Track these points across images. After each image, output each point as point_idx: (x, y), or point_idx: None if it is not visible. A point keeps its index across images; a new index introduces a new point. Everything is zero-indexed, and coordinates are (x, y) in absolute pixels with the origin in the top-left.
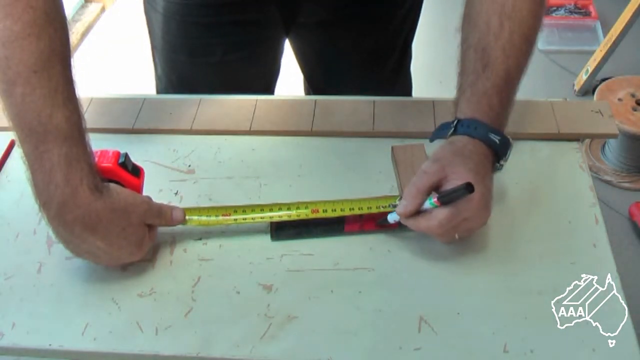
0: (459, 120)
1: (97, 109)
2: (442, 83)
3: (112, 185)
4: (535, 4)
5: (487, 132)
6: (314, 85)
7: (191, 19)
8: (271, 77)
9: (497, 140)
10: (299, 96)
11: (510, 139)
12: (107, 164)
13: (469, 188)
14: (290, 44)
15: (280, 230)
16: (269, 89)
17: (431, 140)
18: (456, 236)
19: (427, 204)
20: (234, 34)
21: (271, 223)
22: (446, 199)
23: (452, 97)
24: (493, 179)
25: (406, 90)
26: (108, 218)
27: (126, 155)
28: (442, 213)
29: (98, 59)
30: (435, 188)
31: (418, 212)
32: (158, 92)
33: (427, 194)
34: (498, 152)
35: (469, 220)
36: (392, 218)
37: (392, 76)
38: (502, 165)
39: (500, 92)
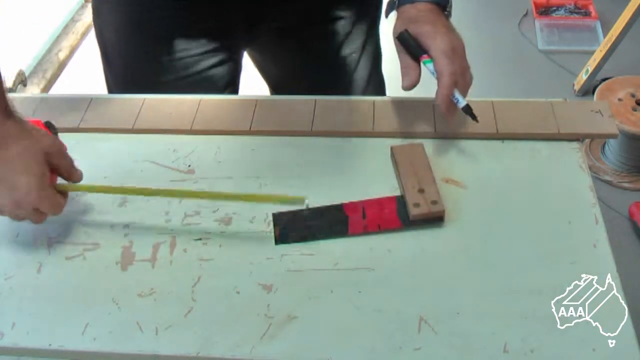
0: None
1: (97, 109)
2: None
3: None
4: None
5: None
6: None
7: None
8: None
9: None
10: (299, 96)
11: None
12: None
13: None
14: (253, 58)
15: (284, 236)
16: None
17: (386, 16)
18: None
19: (429, 68)
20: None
21: (274, 228)
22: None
23: None
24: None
25: (379, 89)
26: (15, 136)
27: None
28: (442, 66)
29: (98, 59)
30: (419, 52)
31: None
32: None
33: (417, 61)
34: (441, 4)
35: (462, 60)
36: (461, 101)
37: (363, 78)
38: (449, 13)
39: None
